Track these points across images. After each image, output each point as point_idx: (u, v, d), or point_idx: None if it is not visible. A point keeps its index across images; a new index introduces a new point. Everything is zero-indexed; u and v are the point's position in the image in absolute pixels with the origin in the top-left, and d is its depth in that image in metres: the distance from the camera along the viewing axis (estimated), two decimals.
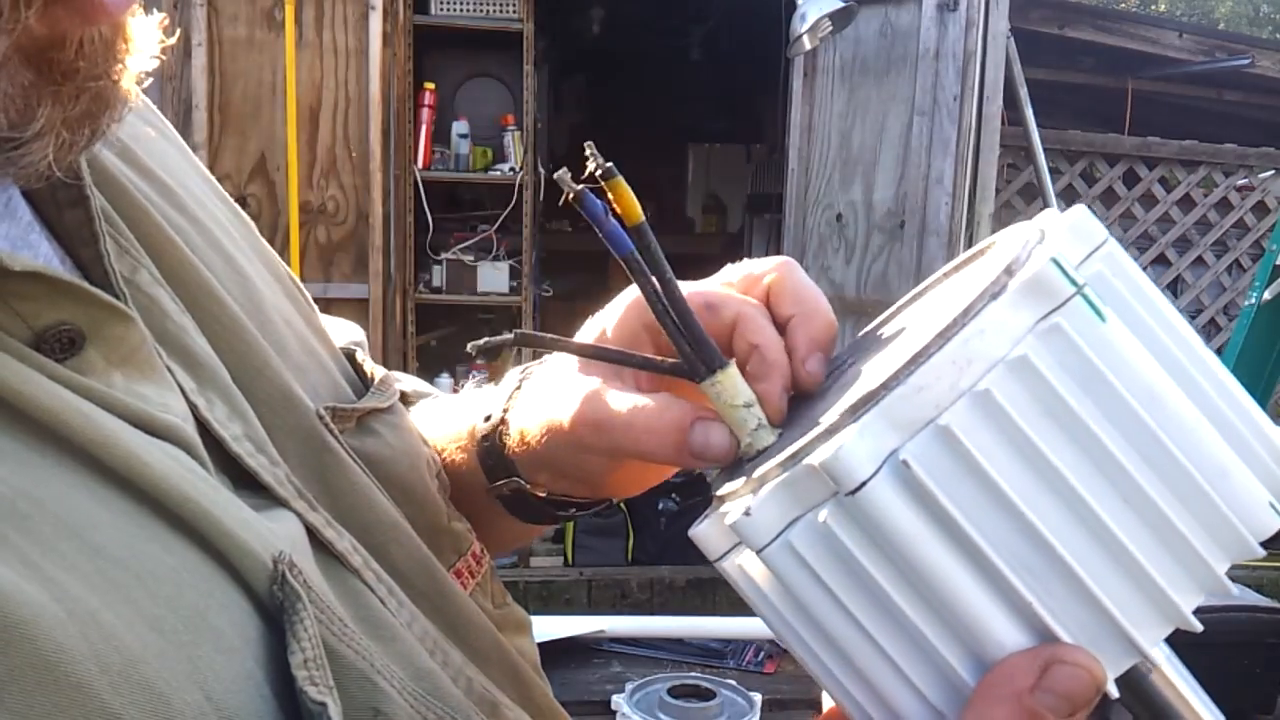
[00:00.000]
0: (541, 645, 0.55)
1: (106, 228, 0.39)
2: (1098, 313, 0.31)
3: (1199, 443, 0.31)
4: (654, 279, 0.39)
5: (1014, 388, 0.30)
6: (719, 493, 0.38)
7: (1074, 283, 0.31)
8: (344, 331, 0.63)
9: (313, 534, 0.39)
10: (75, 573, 0.29)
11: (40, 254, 0.37)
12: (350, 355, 0.53)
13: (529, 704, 0.47)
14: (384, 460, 0.47)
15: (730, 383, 0.39)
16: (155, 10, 0.39)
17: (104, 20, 0.34)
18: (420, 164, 3.70)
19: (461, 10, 3.69)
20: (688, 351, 0.39)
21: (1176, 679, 0.31)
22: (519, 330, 0.44)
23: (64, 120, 0.34)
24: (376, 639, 0.38)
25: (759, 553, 0.33)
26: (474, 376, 0.89)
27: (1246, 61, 4.34)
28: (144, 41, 0.37)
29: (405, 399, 0.59)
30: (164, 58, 0.40)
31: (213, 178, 0.53)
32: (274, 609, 0.34)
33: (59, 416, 0.32)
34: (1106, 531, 0.30)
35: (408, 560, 0.44)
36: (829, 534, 0.31)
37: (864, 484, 0.30)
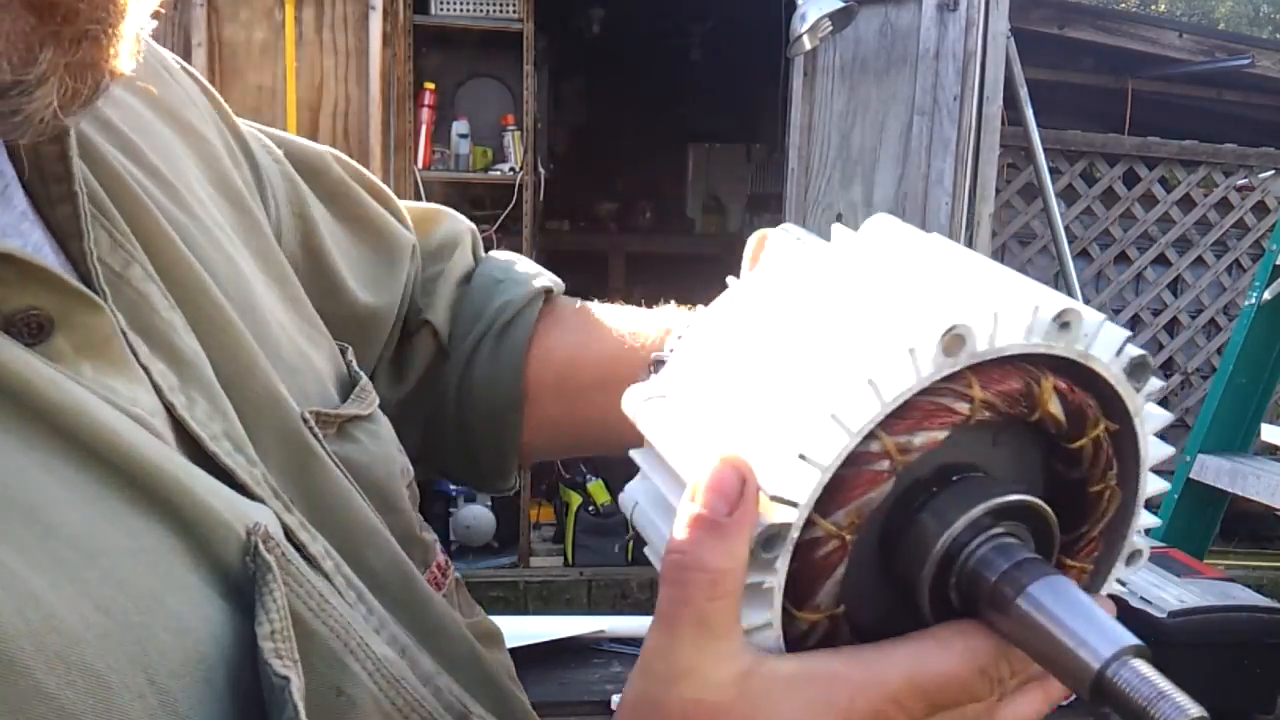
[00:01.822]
0: (541, 645, 0.56)
1: (103, 221, 0.39)
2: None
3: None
4: None
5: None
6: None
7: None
8: (448, 219, 0.68)
9: (288, 534, 0.39)
10: (22, 553, 0.29)
11: (30, 242, 0.37)
12: (344, 352, 0.53)
13: (504, 713, 0.47)
14: (362, 466, 0.47)
15: None
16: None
17: None
18: (420, 164, 3.70)
19: (461, 10, 3.68)
20: None
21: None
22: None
23: (66, 65, 0.34)
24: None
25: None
26: None
27: (1247, 61, 4.34)
28: None
29: (550, 297, 0.63)
30: (163, 10, 0.40)
31: (234, 158, 0.54)
32: (245, 581, 0.34)
33: (28, 383, 0.32)
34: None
35: (385, 566, 0.44)
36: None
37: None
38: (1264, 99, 4.69)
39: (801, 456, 0.31)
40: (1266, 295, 2.33)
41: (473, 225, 0.72)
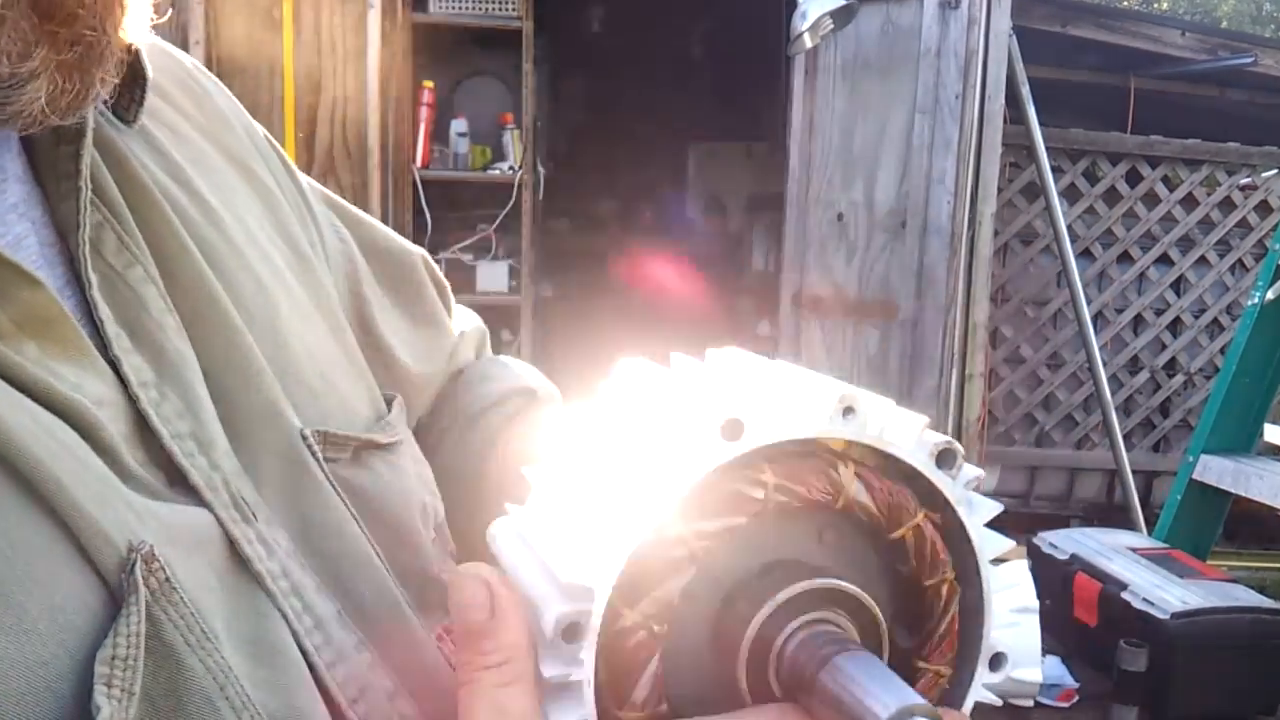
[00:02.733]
0: None
1: (113, 224, 0.41)
2: None
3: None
4: None
5: None
6: None
7: None
8: (463, 319, 0.70)
9: (233, 546, 0.38)
10: None
11: (12, 234, 0.38)
12: (390, 400, 0.54)
13: None
14: (371, 495, 0.47)
15: None
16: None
17: None
18: (419, 163, 3.69)
19: (460, 8, 3.67)
20: None
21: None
22: None
23: (58, 64, 0.36)
24: (259, 664, 0.37)
25: None
26: None
27: (1249, 60, 4.32)
28: (141, 6, 0.39)
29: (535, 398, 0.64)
30: (159, 18, 0.44)
31: (294, 191, 0.57)
32: (121, 598, 0.33)
33: None
34: None
35: (376, 599, 0.43)
36: None
37: None
38: (1267, 98, 4.67)
39: (595, 546, 0.32)
40: (1270, 295, 2.31)
41: (484, 327, 0.74)
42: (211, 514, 0.38)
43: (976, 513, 0.36)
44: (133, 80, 0.44)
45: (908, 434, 0.34)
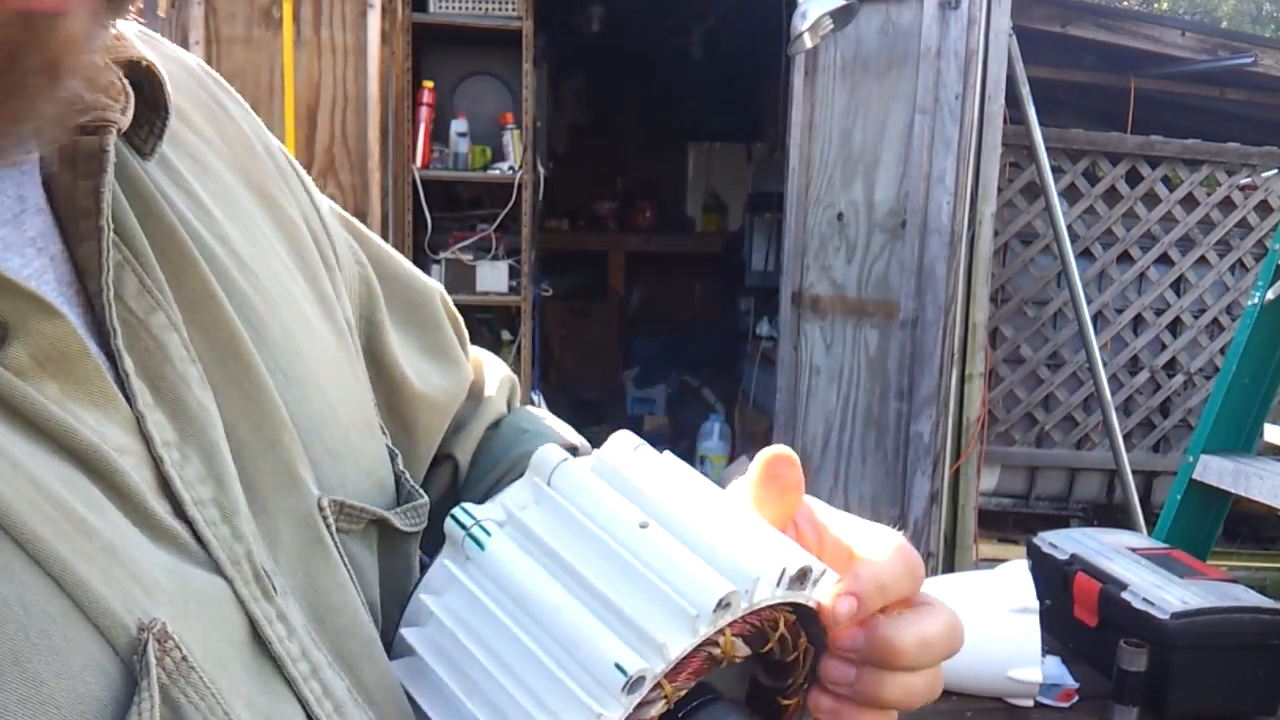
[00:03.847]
0: None
1: (134, 265, 0.39)
2: (478, 543, 0.43)
3: (556, 625, 0.40)
4: None
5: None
6: None
7: (463, 526, 0.44)
8: (492, 367, 0.69)
9: (254, 627, 0.37)
10: None
11: (30, 268, 0.36)
12: (393, 459, 0.53)
13: None
14: (368, 580, 0.46)
15: None
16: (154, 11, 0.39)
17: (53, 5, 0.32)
18: (419, 163, 3.69)
19: (460, 8, 3.67)
20: None
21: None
22: None
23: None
24: None
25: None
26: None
27: (1249, 60, 4.32)
28: (96, 44, 0.36)
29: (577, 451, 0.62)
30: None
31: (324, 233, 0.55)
32: (137, 679, 0.32)
33: None
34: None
35: (378, 682, 0.42)
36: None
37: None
38: (1267, 98, 4.67)
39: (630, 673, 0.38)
40: (1270, 295, 2.31)
41: (513, 375, 0.72)
42: (230, 588, 0.37)
43: (825, 592, 0.43)
44: (151, 109, 0.42)
45: (767, 584, 0.40)
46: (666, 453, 0.47)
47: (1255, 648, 1.59)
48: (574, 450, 0.63)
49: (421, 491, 0.52)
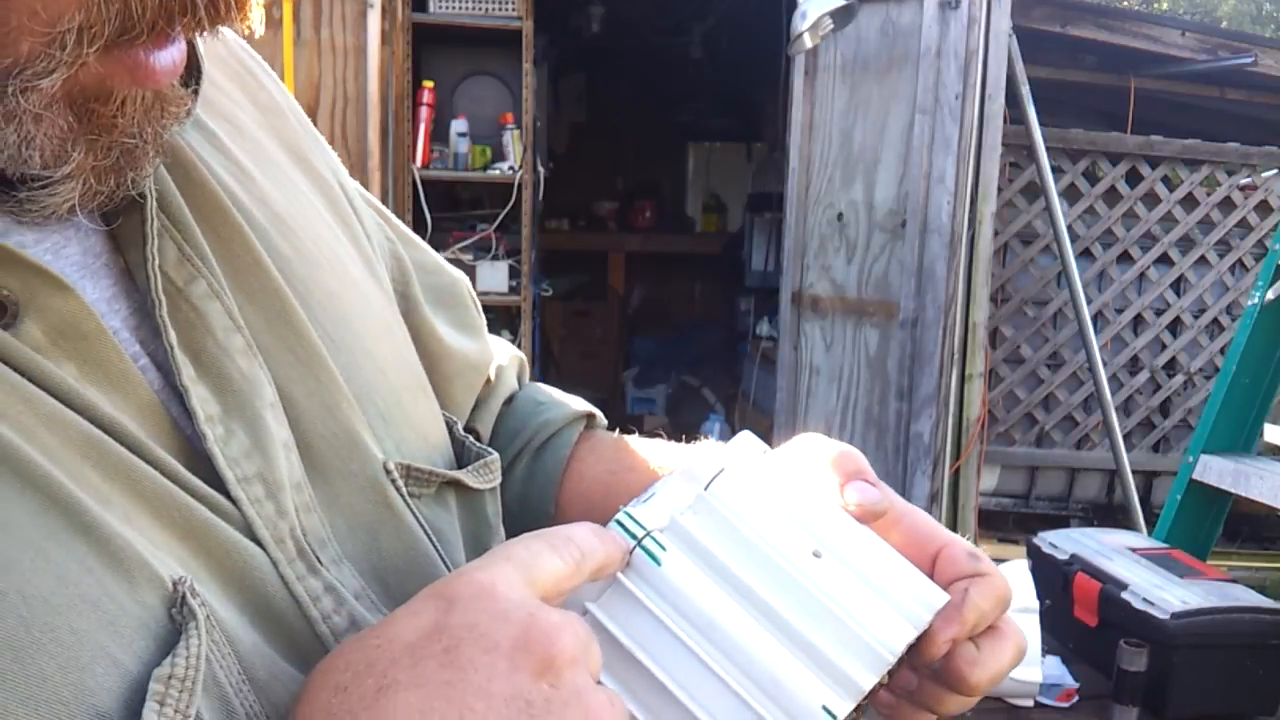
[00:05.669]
0: None
1: (173, 233, 0.39)
2: (653, 558, 0.40)
3: (749, 658, 0.39)
4: None
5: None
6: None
7: (633, 536, 0.41)
8: (501, 349, 0.69)
9: (299, 605, 0.37)
10: None
11: (47, 240, 0.36)
12: (450, 427, 0.53)
13: None
14: (448, 540, 0.46)
15: None
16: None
17: (150, 84, 0.34)
18: (419, 163, 3.69)
19: (460, 8, 3.67)
20: None
21: None
22: None
23: (93, 168, 0.34)
24: None
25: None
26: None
27: (1249, 60, 4.32)
28: (181, 104, 0.37)
29: (592, 422, 0.64)
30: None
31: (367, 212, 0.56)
32: (170, 634, 0.32)
33: None
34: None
35: None
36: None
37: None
38: (1267, 98, 4.67)
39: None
40: (1270, 295, 2.31)
41: (521, 354, 0.73)
42: (272, 563, 0.37)
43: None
44: (185, 71, 0.42)
45: (927, 620, 0.43)
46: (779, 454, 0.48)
47: (1255, 648, 1.59)
48: (591, 418, 0.65)
49: (488, 448, 0.52)
